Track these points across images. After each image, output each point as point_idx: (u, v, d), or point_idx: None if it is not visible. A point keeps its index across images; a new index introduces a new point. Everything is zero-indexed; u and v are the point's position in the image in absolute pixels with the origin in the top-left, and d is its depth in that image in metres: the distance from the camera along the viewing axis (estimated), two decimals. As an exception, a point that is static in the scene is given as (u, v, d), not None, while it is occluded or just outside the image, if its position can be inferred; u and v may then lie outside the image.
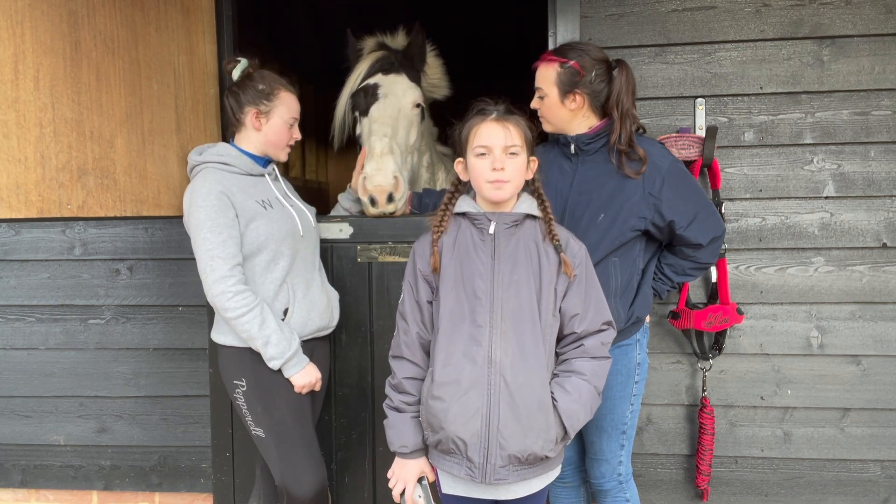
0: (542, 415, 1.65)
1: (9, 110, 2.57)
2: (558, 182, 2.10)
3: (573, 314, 1.73)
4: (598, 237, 2.01)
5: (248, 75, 2.14)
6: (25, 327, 2.79)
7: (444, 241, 1.77)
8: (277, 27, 4.80)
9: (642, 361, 2.15)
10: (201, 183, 2.02)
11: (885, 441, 2.52)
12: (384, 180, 2.33)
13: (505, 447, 1.63)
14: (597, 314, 1.75)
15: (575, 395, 1.69)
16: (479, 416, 1.63)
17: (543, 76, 2.07)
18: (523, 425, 1.63)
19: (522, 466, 1.67)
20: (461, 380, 1.65)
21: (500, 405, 1.63)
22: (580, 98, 2.04)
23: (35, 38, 2.53)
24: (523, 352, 1.66)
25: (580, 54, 2.03)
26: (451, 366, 1.67)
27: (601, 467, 2.16)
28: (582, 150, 2.08)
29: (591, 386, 1.72)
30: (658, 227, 2.04)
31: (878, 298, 2.48)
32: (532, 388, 1.66)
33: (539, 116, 2.12)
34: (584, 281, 1.75)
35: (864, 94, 2.44)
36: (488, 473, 1.64)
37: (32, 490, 2.88)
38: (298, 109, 2.20)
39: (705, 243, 2.08)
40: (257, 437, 2.10)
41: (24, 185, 2.61)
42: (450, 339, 1.69)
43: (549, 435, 1.66)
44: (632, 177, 2.00)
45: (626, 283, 2.07)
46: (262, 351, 2.01)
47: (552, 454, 1.70)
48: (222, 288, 1.95)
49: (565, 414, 1.67)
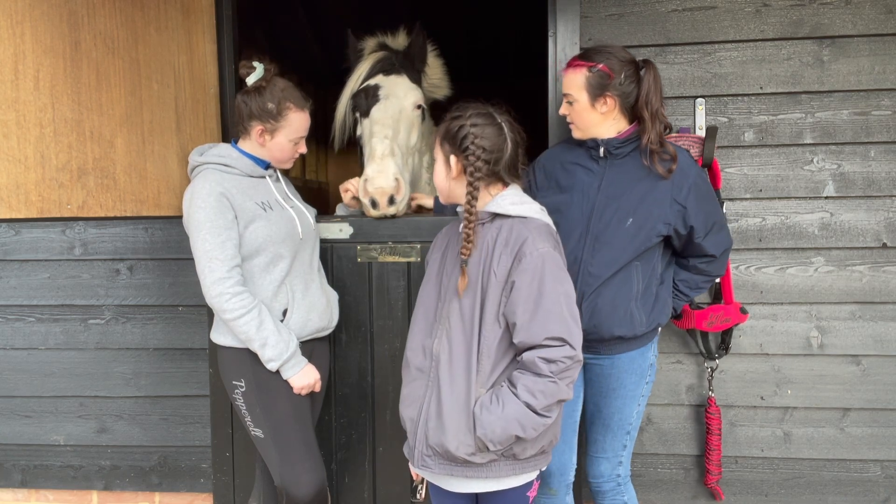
0: (462, 417, 1.66)
1: (9, 110, 2.57)
2: (585, 184, 2.09)
3: (512, 322, 1.64)
4: (625, 241, 2.01)
5: (259, 88, 2.07)
6: (25, 327, 2.79)
7: (438, 236, 1.92)
8: (277, 27, 4.80)
9: (654, 363, 2.16)
10: (201, 184, 2.02)
11: (885, 441, 2.52)
12: (385, 183, 2.33)
13: (428, 438, 1.71)
14: (542, 327, 1.59)
15: (494, 406, 1.62)
16: (416, 404, 1.76)
17: (572, 82, 2.05)
18: (443, 422, 1.68)
19: (444, 461, 1.70)
20: (412, 366, 1.80)
21: (430, 398, 1.73)
22: (611, 101, 2.03)
23: (35, 38, 2.54)
24: (457, 352, 1.71)
25: (608, 57, 2.02)
26: (411, 350, 1.81)
27: (601, 465, 2.17)
28: (612, 153, 2.07)
29: (518, 401, 1.60)
30: (679, 234, 2.06)
31: (878, 298, 2.48)
32: (457, 388, 1.68)
33: (568, 122, 2.13)
34: (530, 288, 1.62)
35: (864, 94, 2.44)
36: (416, 457, 1.75)
37: (32, 490, 2.88)
38: (307, 127, 2.15)
39: (718, 255, 2.11)
40: (256, 437, 2.10)
41: (24, 185, 2.61)
42: (418, 328, 1.82)
43: (466, 439, 1.64)
44: (664, 175, 2.01)
45: (645, 287, 2.07)
46: (260, 352, 2.01)
47: (476, 460, 1.66)
48: (220, 289, 1.95)
49: (478, 422, 1.62)
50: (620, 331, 2.02)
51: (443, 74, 2.90)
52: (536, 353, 1.60)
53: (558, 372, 1.59)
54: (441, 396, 1.69)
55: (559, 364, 1.59)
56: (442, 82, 2.91)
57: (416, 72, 2.73)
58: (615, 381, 2.09)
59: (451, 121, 1.75)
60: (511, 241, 1.67)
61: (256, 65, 2.09)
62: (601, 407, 2.14)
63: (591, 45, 2.45)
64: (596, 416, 2.16)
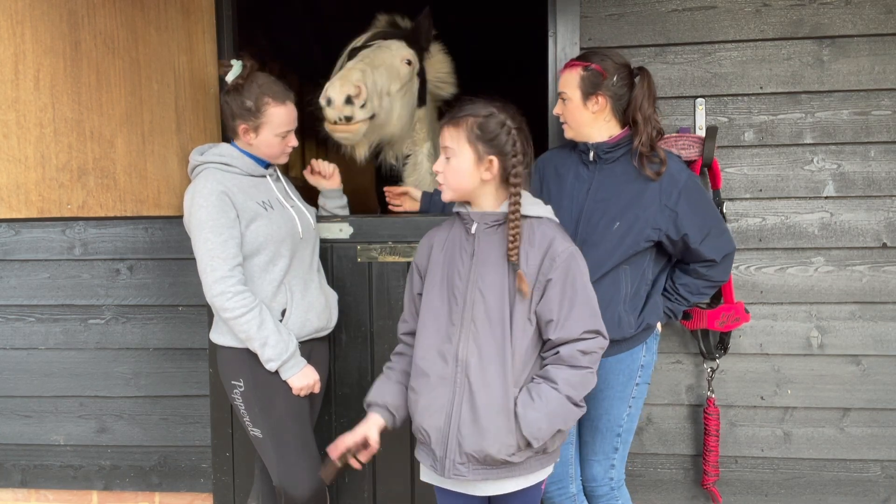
0: (501, 419, 1.64)
1: (9, 110, 2.57)
2: (574, 188, 2.12)
3: (548, 319, 1.67)
4: (612, 245, 2.02)
5: (238, 87, 2.06)
6: (25, 327, 2.79)
7: (437, 237, 1.82)
8: (277, 27, 4.80)
9: (647, 364, 2.15)
10: (203, 183, 2.02)
11: (885, 441, 2.52)
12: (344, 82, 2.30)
13: (462, 445, 1.66)
14: (577, 322, 1.66)
15: (538, 403, 1.64)
16: (442, 412, 1.68)
17: (567, 80, 2.10)
18: (481, 426, 1.64)
19: (481, 466, 1.67)
20: (431, 374, 1.71)
21: (462, 404, 1.67)
22: (602, 100, 2.06)
23: (35, 38, 2.53)
24: (489, 354, 1.67)
25: (603, 58, 2.07)
26: (425, 360, 1.73)
27: (592, 469, 2.16)
28: (601, 158, 2.10)
29: (560, 396, 1.64)
30: (672, 240, 2.06)
31: (878, 298, 2.48)
32: (493, 391, 1.65)
33: (561, 122, 2.16)
34: (564, 286, 1.66)
35: (864, 94, 2.44)
36: (447, 468, 1.68)
37: (32, 490, 2.88)
38: (293, 119, 2.12)
39: (719, 259, 2.10)
40: (255, 437, 2.10)
41: (24, 185, 2.61)
42: (428, 333, 1.74)
43: (507, 440, 1.64)
44: (652, 178, 2.02)
45: (634, 291, 2.08)
46: (260, 352, 2.01)
47: (515, 459, 1.66)
48: (222, 288, 1.95)
49: (524, 421, 1.63)
50: (608, 334, 2.02)
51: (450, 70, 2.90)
52: (575, 347, 1.66)
53: (593, 362, 1.68)
54: (475, 401, 1.65)
55: (594, 355, 1.68)
56: (449, 78, 2.91)
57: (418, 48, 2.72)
58: (601, 381, 2.06)
59: (486, 118, 1.67)
60: (537, 241, 1.69)
61: (234, 62, 2.08)
62: (589, 408, 2.11)
63: (592, 45, 2.46)
64: (584, 419, 2.15)
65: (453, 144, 1.69)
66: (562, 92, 2.12)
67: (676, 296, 2.17)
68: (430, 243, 1.83)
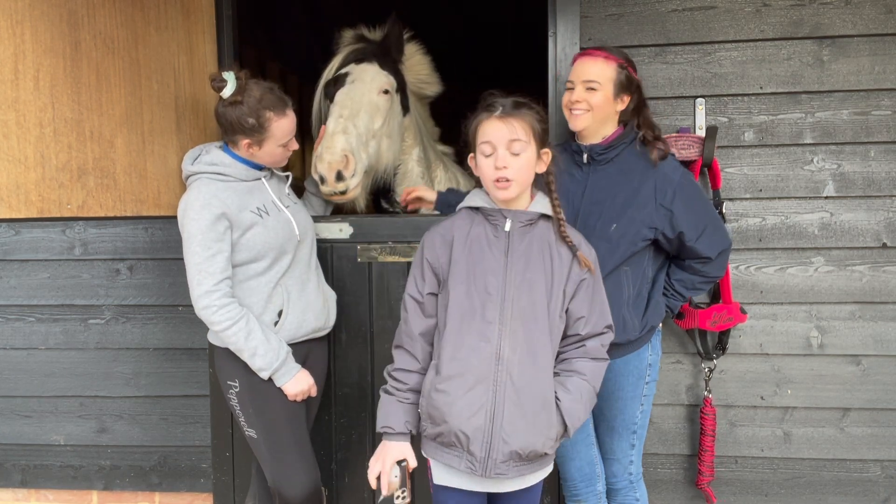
0: (546, 413, 1.69)
1: (9, 110, 2.57)
2: (569, 190, 2.09)
3: (579, 316, 1.76)
4: (610, 247, 2.03)
5: (235, 103, 2.00)
6: (25, 327, 2.79)
7: (456, 234, 1.76)
8: (277, 27, 4.80)
9: (653, 363, 2.17)
10: (195, 195, 2.00)
11: (885, 441, 2.52)
12: (332, 157, 2.30)
13: (508, 443, 1.65)
14: (600, 317, 1.79)
15: (576, 395, 1.73)
16: (483, 412, 1.66)
17: (603, 71, 2.04)
18: (528, 422, 1.67)
19: (522, 462, 1.70)
20: (467, 374, 1.67)
21: (505, 402, 1.66)
22: (627, 100, 2.09)
23: (35, 38, 2.53)
24: (532, 350, 1.68)
25: (629, 61, 2.11)
26: (458, 360, 1.68)
27: (612, 466, 2.20)
28: (595, 159, 2.10)
29: (590, 386, 1.76)
30: (668, 238, 2.07)
31: (878, 298, 2.48)
32: (538, 386, 1.68)
33: (571, 111, 2.08)
34: (592, 284, 1.78)
35: (864, 94, 2.43)
36: (489, 468, 1.67)
37: (32, 490, 2.88)
38: (294, 126, 2.11)
39: (714, 256, 2.11)
40: (250, 437, 2.11)
41: (24, 185, 2.61)
42: (458, 333, 1.69)
43: (550, 433, 1.71)
44: (655, 161, 2.05)
45: (637, 292, 2.09)
46: (250, 362, 2.01)
47: (551, 451, 1.75)
48: (207, 302, 1.96)
49: (567, 413, 1.71)
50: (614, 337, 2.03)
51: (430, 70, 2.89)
52: (599, 340, 1.79)
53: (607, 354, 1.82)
54: (520, 398, 1.66)
55: (607, 347, 1.82)
56: (430, 78, 2.90)
57: (391, 61, 2.70)
58: (612, 384, 2.10)
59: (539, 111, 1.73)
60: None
61: (227, 76, 2.02)
62: (604, 411, 2.16)
63: (592, 45, 2.45)
64: (600, 420, 2.19)
65: (525, 137, 1.66)
66: (592, 80, 2.04)
67: (672, 291, 2.18)
68: (448, 240, 1.75)
